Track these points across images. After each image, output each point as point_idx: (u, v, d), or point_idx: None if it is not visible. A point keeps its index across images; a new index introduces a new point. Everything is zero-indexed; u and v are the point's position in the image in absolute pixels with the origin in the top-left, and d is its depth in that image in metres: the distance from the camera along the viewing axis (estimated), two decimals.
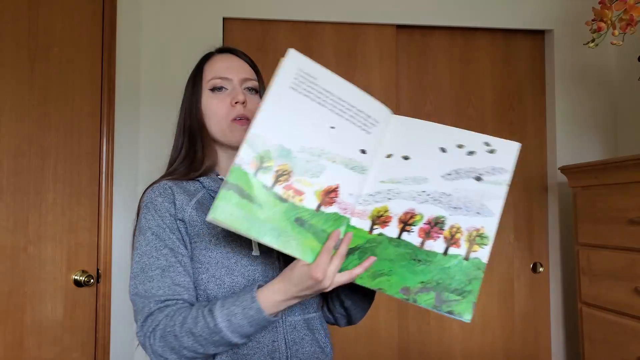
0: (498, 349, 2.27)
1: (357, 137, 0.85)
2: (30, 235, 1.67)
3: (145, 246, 0.95)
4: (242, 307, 0.85)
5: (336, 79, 0.85)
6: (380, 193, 0.86)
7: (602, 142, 2.29)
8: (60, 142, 1.74)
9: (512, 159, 0.85)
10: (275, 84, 0.82)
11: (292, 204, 0.81)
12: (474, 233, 0.82)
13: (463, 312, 0.79)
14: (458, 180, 0.84)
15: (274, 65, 0.84)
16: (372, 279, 0.83)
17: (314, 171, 0.82)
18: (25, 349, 1.63)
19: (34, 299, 1.66)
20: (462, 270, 0.81)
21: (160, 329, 0.89)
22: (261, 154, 0.80)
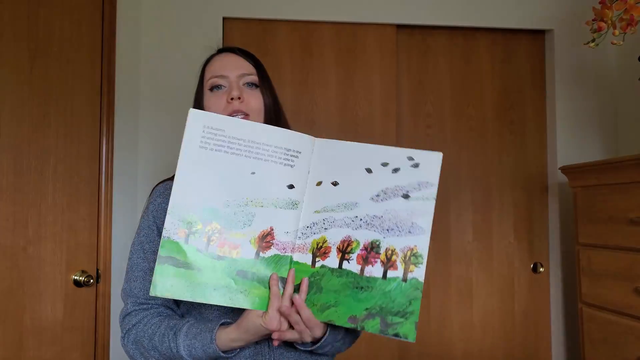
0: (498, 348, 2.27)
1: (281, 173, 0.86)
2: (30, 235, 1.67)
3: (136, 245, 1.00)
4: (202, 343, 0.88)
5: (244, 124, 0.87)
6: (316, 224, 0.86)
7: (602, 142, 2.29)
8: (60, 142, 1.74)
9: (436, 171, 0.84)
10: (183, 147, 0.83)
11: (231, 259, 0.83)
12: (409, 253, 0.82)
13: (408, 333, 0.79)
14: (387, 201, 0.84)
15: (274, 65, 0.84)
16: (321, 312, 0.84)
17: (244, 221, 0.84)
18: (25, 349, 1.63)
19: (33, 299, 1.66)
20: (401, 292, 0.80)
21: (134, 333, 0.95)
22: (187, 220, 0.82)
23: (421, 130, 2.29)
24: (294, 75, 2.20)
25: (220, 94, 1.05)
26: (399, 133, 2.26)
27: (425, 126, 2.29)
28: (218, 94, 1.05)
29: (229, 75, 1.06)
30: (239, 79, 1.06)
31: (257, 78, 1.08)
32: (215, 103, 1.04)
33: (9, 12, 1.68)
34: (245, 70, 1.07)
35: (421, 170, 0.84)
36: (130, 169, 1.97)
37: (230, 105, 1.03)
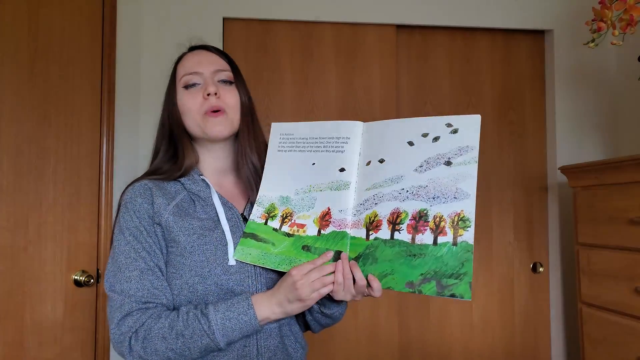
0: (498, 349, 2.27)
1: (334, 160, 0.97)
2: (30, 235, 1.67)
3: (124, 246, 0.95)
4: (237, 312, 0.90)
5: (308, 124, 1.02)
6: (367, 201, 0.92)
7: (602, 142, 2.29)
8: (60, 142, 1.75)
9: (475, 134, 0.87)
10: (268, 153, 1.03)
11: (298, 236, 0.96)
12: (456, 218, 0.85)
13: (463, 292, 0.83)
14: (430, 170, 0.88)
15: (274, 65, 0.86)
16: (380, 280, 0.89)
17: (308, 205, 0.97)
18: (25, 348, 1.64)
19: (34, 298, 1.66)
20: (453, 255, 0.84)
21: (144, 330, 0.90)
22: (268, 208, 1.00)
23: None
24: (294, 75, 2.20)
25: (195, 91, 1.03)
26: None
27: None
28: (193, 92, 1.03)
29: (203, 72, 1.03)
30: (214, 75, 1.04)
31: (231, 74, 1.06)
32: (191, 100, 1.03)
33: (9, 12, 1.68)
34: (220, 67, 1.05)
35: (461, 135, 0.88)
36: (130, 169, 1.97)
37: (206, 101, 1.01)
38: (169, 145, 1.07)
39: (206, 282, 0.94)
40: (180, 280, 0.95)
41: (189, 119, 1.04)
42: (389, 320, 2.19)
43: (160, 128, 1.09)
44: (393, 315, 2.20)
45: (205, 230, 0.97)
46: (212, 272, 0.94)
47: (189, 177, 1.03)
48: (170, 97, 1.07)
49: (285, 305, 0.91)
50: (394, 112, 2.23)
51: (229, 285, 0.95)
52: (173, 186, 1.02)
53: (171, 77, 1.09)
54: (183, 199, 1.00)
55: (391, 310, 2.20)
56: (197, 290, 0.94)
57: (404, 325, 2.22)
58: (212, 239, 0.97)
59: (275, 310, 0.92)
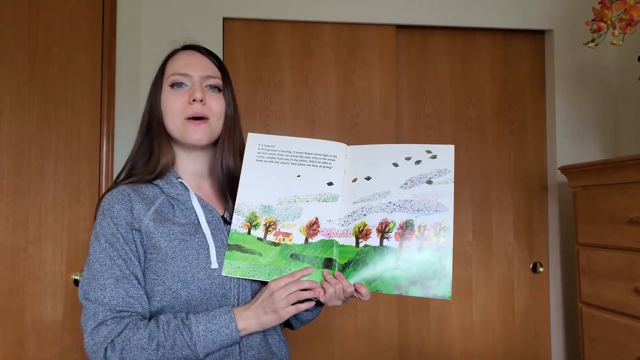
0: (498, 349, 2.27)
1: (322, 174, 1.04)
2: (30, 235, 1.67)
3: (100, 253, 0.93)
4: (219, 325, 0.90)
5: (290, 139, 1.07)
6: (355, 212, 1.01)
7: (602, 142, 2.29)
8: (60, 142, 1.75)
9: (450, 159, 1.01)
10: (244, 162, 1.04)
11: (285, 244, 1.00)
12: (438, 227, 0.97)
13: (444, 293, 0.94)
14: (414, 187, 1.01)
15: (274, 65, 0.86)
16: (369, 284, 0.97)
17: (294, 214, 1.02)
18: (25, 348, 1.64)
19: (34, 298, 1.66)
20: (435, 260, 0.96)
21: (122, 340, 0.88)
22: (249, 217, 1.01)
23: (421, 131, 2.29)
24: (294, 75, 2.20)
25: (181, 92, 1.02)
26: (399, 133, 2.26)
27: (424, 126, 2.30)
28: (178, 93, 1.02)
29: (193, 75, 1.02)
30: (203, 80, 1.03)
31: (221, 82, 1.05)
32: (175, 100, 1.01)
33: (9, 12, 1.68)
34: (210, 72, 1.04)
35: (439, 160, 1.01)
36: None
37: (190, 106, 1.00)
38: (146, 137, 1.06)
39: (189, 288, 0.93)
40: (162, 287, 0.93)
41: (170, 120, 1.02)
42: (388, 320, 2.19)
43: (141, 118, 1.08)
44: (393, 315, 2.20)
45: (186, 235, 0.96)
46: (195, 277, 0.93)
47: (167, 181, 1.02)
48: (155, 91, 1.05)
49: (261, 316, 0.93)
50: (394, 112, 2.23)
51: (212, 289, 0.94)
52: (151, 190, 1.00)
53: (159, 71, 1.07)
54: (162, 203, 0.99)
55: (391, 310, 2.19)
56: (180, 295, 0.93)
57: (403, 325, 2.22)
58: (194, 244, 0.96)
59: (251, 322, 0.93)
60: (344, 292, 0.95)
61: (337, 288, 0.95)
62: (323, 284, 0.96)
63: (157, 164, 1.02)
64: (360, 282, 0.96)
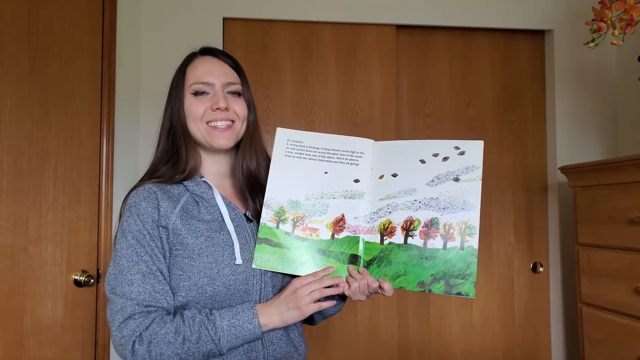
0: (498, 349, 2.27)
1: (348, 171, 1.05)
2: (30, 235, 1.67)
3: (127, 249, 0.96)
4: (242, 320, 0.93)
5: (318, 135, 1.08)
6: (381, 209, 1.02)
7: (602, 142, 2.29)
8: (60, 142, 1.75)
9: (479, 155, 1.00)
10: (273, 156, 1.06)
11: (311, 240, 1.02)
12: (463, 226, 0.97)
13: (469, 291, 0.94)
14: (441, 185, 1.00)
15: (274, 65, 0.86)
16: (393, 281, 0.98)
17: (321, 211, 1.03)
18: (25, 348, 1.64)
19: (34, 298, 1.66)
20: (460, 258, 0.96)
21: (149, 334, 0.91)
22: (277, 211, 1.03)
23: (421, 130, 2.29)
24: (294, 75, 2.20)
25: (204, 100, 1.05)
26: (399, 133, 2.26)
27: (425, 126, 2.30)
28: (202, 100, 1.05)
29: (214, 84, 1.06)
30: (224, 87, 1.06)
31: (241, 87, 1.09)
32: (199, 107, 1.05)
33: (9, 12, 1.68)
34: (231, 79, 1.08)
35: (467, 156, 1.00)
36: (130, 169, 1.98)
37: (214, 113, 1.04)
38: (169, 142, 1.09)
39: (215, 283, 0.96)
40: (188, 282, 0.96)
41: (194, 126, 1.06)
42: (388, 320, 2.19)
43: (164, 128, 1.10)
44: (393, 316, 2.20)
45: (211, 232, 0.99)
46: (220, 273, 0.96)
47: (192, 180, 1.05)
48: (178, 97, 1.07)
49: (283, 312, 0.96)
50: (394, 112, 2.23)
51: (236, 285, 0.97)
52: (176, 189, 1.03)
53: (179, 77, 1.09)
54: (187, 201, 1.02)
55: (391, 311, 2.20)
56: (206, 291, 0.95)
57: (403, 325, 2.22)
58: (219, 241, 0.99)
59: (273, 318, 0.96)
60: (368, 288, 0.98)
61: (361, 283, 0.98)
62: (348, 279, 0.99)
63: (186, 166, 1.05)
64: (384, 278, 0.98)
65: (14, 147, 1.67)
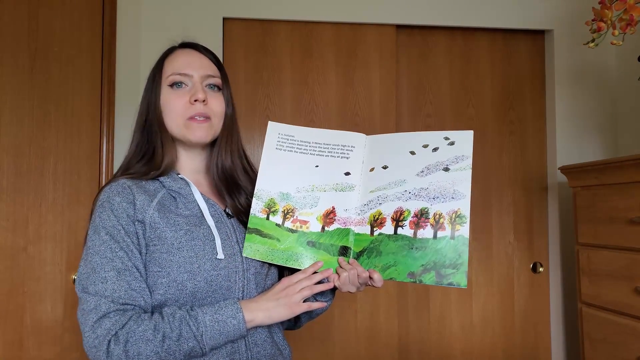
0: (498, 349, 2.27)
1: (339, 164, 1.05)
2: (30, 235, 1.67)
3: (100, 245, 0.90)
4: (225, 315, 0.89)
5: (310, 130, 1.09)
6: (372, 201, 1.02)
7: (602, 142, 2.29)
8: (60, 142, 1.75)
9: (469, 145, 1.00)
10: (264, 149, 1.07)
11: (302, 232, 1.02)
12: (453, 215, 0.96)
13: (460, 281, 0.93)
14: (430, 175, 1.00)
15: (274, 65, 0.86)
16: (383, 272, 0.97)
17: (311, 203, 1.03)
18: (25, 348, 1.64)
19: (33, 298, 1.66)
20: (451, 248, 0.95)
21: (125, 332, 0.84)
22: (267, 203, 1.04)
23: (421, 130, 2.29)
24: (294, 75, 2.20)
25: (181, 92, 1.01)
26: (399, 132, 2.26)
27: (424, 126, 2.30)
28: (179, 93, 1.01)
29: (193, 75, 1.02)
30: (203, 80, 1.02)
31: (220, 81, 1.05)
32: (176, 101, 1.01)
33: (9, 12, 1.68)
34: (210, 72, 1.04)
35: (457, 146, 1.00)
36: None
37: (192, 107, 1.00)
38: (144, 138, 1.04)
39: (196, 279, 0.91)
40: (167, 279, 0.91)
41: (171, 120, 1.01)
42: (388, 320, 2.19)
43: (139, 118, 1.06)
44: (393, 315, 2.20)
45: (191, 226, 0.95)
46: (201, 268, 0.92)
47: (167, 176, 1.01)
48: (153, 90, 1.04)
49: (271, 309, 0.93)
50: (394, 112, 2.23)
51: (218, 280, 0.93)
52: (152, 185, 0.99)
53: (157, 70, 1.05)
54: (164, 196, 0.97)
55: (391, 310, 2.20)
56: (186, 287, 0.91)
57: (403, 325, 2.22)
58: (199, 235, 0.95)
59: (258, 314, 0.92)
60: (358, 278, 0.97)
61: (351, 273, 0.97)
62: (338, 270, 0.98)
63: (162, 162, 1.00)
64: (374, 269, 0.97)
65: (14, 147, 1.67)
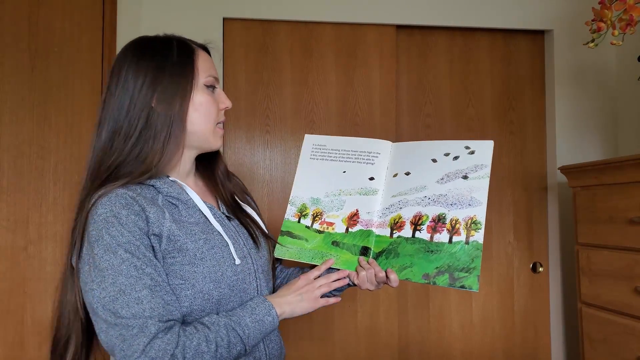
0: (498, 348, 2.27)
1: (364, 170, 1.13)
2: (30, 235, 1.67)
3: (120, 265, 0.82)
4: (262, 314, 0.93)
5: (340, 139, 1.18)
6: (393, 205, 1.08)
7: (602, 142, 2.29)
8: (60, 142, 1.75)
9: (489, 155, 1.03)
10: (300, 160, 1.19)
11: (327, 232, 1.11)
12: (469, 221, 1.00)
13: (472, 284, 0.96)
14: (450, 182, 1.04)
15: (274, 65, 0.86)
16: (400, 272, 1.03)
17: (338, 206, 1.12)
18: (25, 348, 1.64)
19: (34, 298, 1.66)
20: (465, 252, 0.99)
21: (181, 350, 0.81)
22: (300, 207, 1.15)
23: (421, 130, 2.29)
24: (294, 75, 2.20)
25: (215, 96, 1.01)
26: (399, 133, 2.26)
27: (424, 126, 2.30)
28: (213, 97, 1.00)
29: (218, 80, 1.04)
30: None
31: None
32: (213, 105, 0.99)
33: (9, 12, 1.69)
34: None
35: (476, 156, 1.05)
36: None
37: (221, 113, 1.03)
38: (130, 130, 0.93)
39: (221, 287, 0.91)
40: (192, 290, 0.89)
41: (202, 122, 0.97)
42: (388, 320, 2.19)
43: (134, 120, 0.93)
44: (393, 315, 2.20)
45: (206, 234, 0.93)
46: (224, 275, 0.92)
47: (159, 179, 0.94)
48: (182, 85, 0.94)
49: (294, 304, 0.99)
50: (394, 112, 2.23)
51: (238, 285, 0.95)
52: (147, 191, 0.92)
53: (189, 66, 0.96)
54: (164, 203, 0.92)
55: (391, 310, 2.20)
56: (212, 296, 0.90)
57: (403, 325, 2.22)
58: (216, 242, 0.93)
59: (285, 309, 0.98)
60: (375, 277, 1.03)
61: (369, 272, 1.04)
62: (357, 268, 1.05)
63: (158, 163, 0.93)
64: (391, 269, 1.03)
65: (14, 147, 1.67)
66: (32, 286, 1.66)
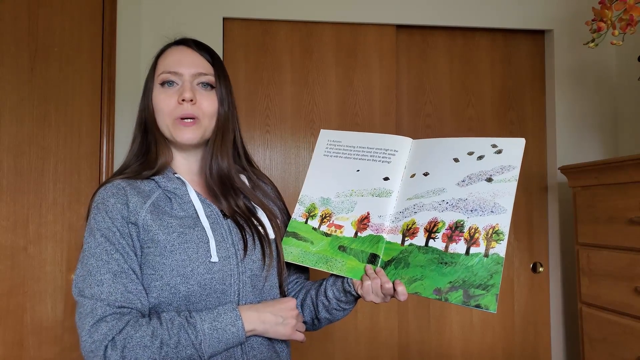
0: (498, 349, 2.27)
1: (379, 169, 1.03)
2: (30, 235, 1.67)
3: (95, 248, 0.88)
4: (224, 322, 0.88)
5: (357, 134, 1.09)
6: (407, 209, 0.97)
7: (602, 142, 2.29)
8: (60, 142, 1.75)
9: (519, 155, 0.91)
10: (313, 156, 1.10)
11: (335, 236, 1.02)
12: (490, 231, 0.88)
13: (489, 304, 0.84)
14: (472, 185, 0.92)
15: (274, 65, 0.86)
16: (409, 285, 0.91)
17: (348, 208, 1.03)
18: (25, 348, 1.64)
19: (34, 298, 1.66)
20: (483, 266, 0.86)
21: (123, 338, 0.83)
22: (308, 207, 1.06)
23: (421, 130, 2.29)
24: (294, 75, 2.20)
25: (171, 92, 0.99)
26: (398, 133, 2.26)
27: (424, 126, 2.30)
28: (169, 92, 0.99)
29: (183, 73, 0.98)
30: (194, 79, 0.99)
31: (213, 79, 1.01)
32: (165, 100, 0.98)
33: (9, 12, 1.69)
34: (202, 69, 1.00)
35: (504, 155, 0.92)
36: None
37: (180, 107, 0.97)
38: (143, 136, 1.04)
39: (189, 282, 0.90)
40: (160, 282, 0.89)
41: (160, 120, 1.00)
42: (388, 320, 2.19)
43: (137, 116, 1.06)
44: (393, 316, 2.20)
45: (184, 228, 0.93)
46: (194, 272, 0.90)
47: (163, 175, 0.99)
48: (148, 89, 1.03)
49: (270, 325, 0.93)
50: (394, 112, 2.23)
51: (212, 284, 0.91)
52: (147, 185, 0.97)
53: (151, 68, 1.04)
54: (159, 197, 0.95)
55: (391, 311, 2.20)
56: (179, 291, 0.89)
57: (403, 325, 2.22)
58: (193, 237, 0.92)
59: (257, 327, 0.92)
60: (381, 288, 0.93)
61: (374, 282, 0.93)
62: (363, 277, 0.95)
63: (156, 162, 0.99)
64: (399, 280, 0.92)
65: (14, 147, 1.67)
66: (32, 286, 1.66)
